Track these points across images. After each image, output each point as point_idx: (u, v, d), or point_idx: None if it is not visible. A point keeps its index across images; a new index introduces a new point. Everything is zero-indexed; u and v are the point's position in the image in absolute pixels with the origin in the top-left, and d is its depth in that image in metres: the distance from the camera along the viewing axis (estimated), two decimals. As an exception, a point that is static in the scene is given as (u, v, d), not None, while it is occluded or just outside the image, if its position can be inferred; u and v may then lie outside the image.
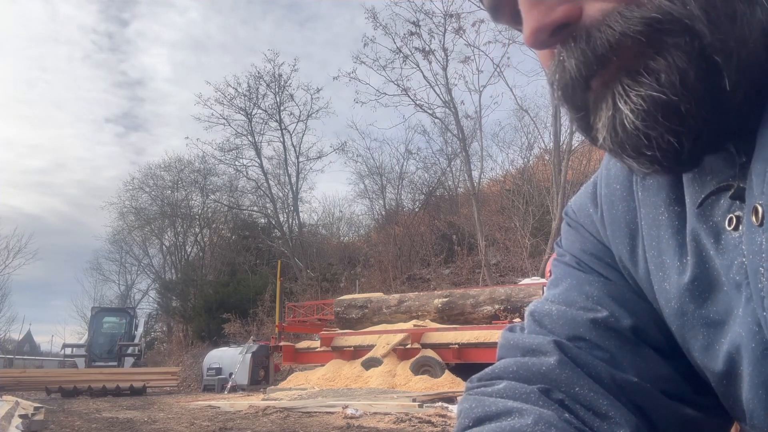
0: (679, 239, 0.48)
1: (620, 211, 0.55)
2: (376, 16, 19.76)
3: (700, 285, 0.46)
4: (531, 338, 0.56)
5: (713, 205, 0.44)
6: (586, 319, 0.54)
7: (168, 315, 28.12)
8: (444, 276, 19.57)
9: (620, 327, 0.53)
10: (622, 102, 0.40)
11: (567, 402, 0.50)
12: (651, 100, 0.39)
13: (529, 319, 0.58)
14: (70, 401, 10.53)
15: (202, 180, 29.19)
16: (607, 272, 0.57)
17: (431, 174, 25.19)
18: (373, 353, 11.09)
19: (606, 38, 0.39)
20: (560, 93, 0.44)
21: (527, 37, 0.42)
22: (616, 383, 0.51)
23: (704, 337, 0.47)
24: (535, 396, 0.51)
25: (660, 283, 0.51)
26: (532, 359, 0.54)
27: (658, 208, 0.50)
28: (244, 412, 7.59)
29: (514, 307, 11.03)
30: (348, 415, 6.57)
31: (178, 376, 15.21)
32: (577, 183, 17.89)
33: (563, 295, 0.58)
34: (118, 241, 33.71)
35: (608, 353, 0.52)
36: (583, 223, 0.61)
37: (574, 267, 0.59)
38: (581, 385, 0.51)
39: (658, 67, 0.38)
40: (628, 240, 0.54)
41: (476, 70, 19.30)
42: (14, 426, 5.22)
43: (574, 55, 0.41)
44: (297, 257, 24.25)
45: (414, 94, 20.65)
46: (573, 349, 0.52)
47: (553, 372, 0.52)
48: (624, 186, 0.55)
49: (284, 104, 26.23)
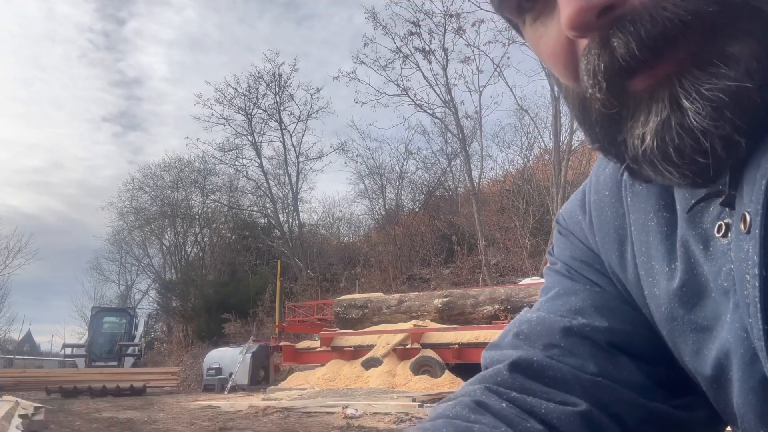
0: (668, 245, 0.48)
1: (609, 217, 0.55)
2: (376, 16, 19.78)
3: (688, 291, 0.47)
4: (502, 354, 0.58)
5: (703, 212, 0.44)
6: (562, 327, 0.55)
7: (168, 315, 28.12)
8: (444, 276, 19.57)
9: (595, 336, 0.54)
10: (688, 99, 0.35)
11: (514, 394, 0.52)
12: (727, 94, 0.34)
13: (510, 330, 0.60)
14: (70, 401, 10.53)
15: (202, 180, 29.22)
16: (596, 278, 0.57)
17: (431, 174, 25.22)
18: (373, 353, 11.09)
19: (677, 17, 0.34)
20: (606, 85, 0.38)
21: (570, 17, 0.37)
22: (580, 382, 0.52)
23: (694, 342, 0.47)
24: (479, 391, 0.54)
25: (650, 289, 0.51)
26: (488, 370, 0.56)
27: (647, 214, 0.50)
28: (244, 412, 7.59)
29: (514, 307, 11.03)
30: (348, 415, 6.57)
31: (178, 376, 15.21)
32: (577, 183, 17.88)
33: (548, 303, 0.59)
34: (118, 241, 33.79)
35: (580, 359, 0.53)
36: (573, 230, 0.61)
37: (564, 275, 0.60)
38: (533, 388, 0.52)
39: (737, 54, 0.34)
40: (617, 246, 0.54)
41: (476, 70, 19.31)
42: (14, 426, 5.22)
43: (633, 37, 0.35)
44: (297, 257, 24.25)
45: (414, 94, 20.67)
46: (533, 361, 0.54)
47: (504, 379, 0.54)
48: (613, 192, 0.55)
49: (284, 104, 26.27)
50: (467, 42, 18.95)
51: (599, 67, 0.38)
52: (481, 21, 18.46)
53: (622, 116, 0.39)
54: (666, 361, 0.52)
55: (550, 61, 0.44)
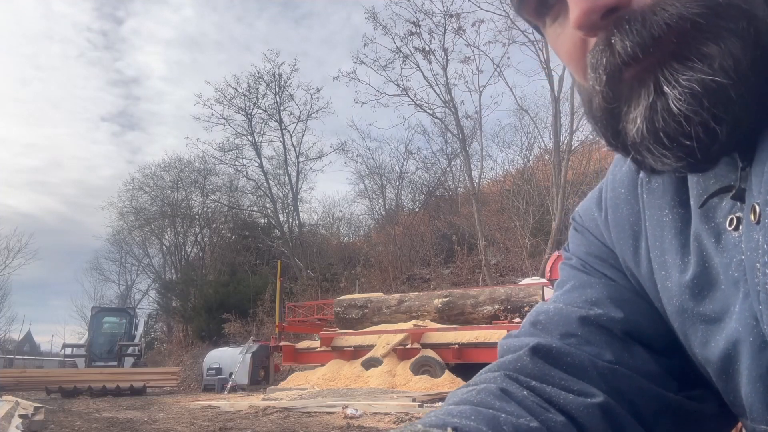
0: (682, 239, 0.50)
1: (624, 213, 0.57)
2: (376, 16, 19.79)
3: (699, 283, 0.48)
4: (519, 341, 0.58)
5: (716, 207, 0.46)
6: (579, 317, 0.56)
7: (168, 315, 28.12)
8: (444, 276, 19.57)
9: (611, 325, 0.55)
10: (668, 86, 0.39)
11: (534, 383, 0.53)
12: (701, 85, 0.38)
13: (527, 320, 0.61)
14: (70, 401, 10.53)
15: (202, 180, 29.22)
16: (611, 273, 0.59)
17: (431, 174, 25.24)
18: (373, 353, 11.09)
19: (663, 20, 0.39)
20: (605, 78, 0.42)
21: (577, 17, 0.42)
22: (597, 370, 0.53)
23: (703, 334, 0.49)
24: (500, 378, 0.54)
25: (663, 282, 0.52)
26: (508, 356, 0.57)
27: (662, 210, 0.52)
28: (244, 412, 7.59)
29: (514, 307, 11.03)
30: (348, 415, 6.57)
31: (178, 376, 15.20)
32: (577, 183, 17.90)
33: (564, 295, 0.60)
34: (118, 241, 33.79)
35: (596, 348, 0.54)
36: (589, 227, 0.63)
37: (579, 269, 0.62)
38: (552, 375, 0.53)
39: (712, 53, 0.38)
40: (632, 241, 0.56)
41: (476, 70, 19.35)
42: (14, 426, 5.22)
43: (628, 37, 0.40)
44: (297, 257, 24.25)
45: (414, 94, 20.68)
46: (551, 348, 0.55)
47: (525, 365, 0.55)
48: (629, 189, 0.57)
49: (284, 104, 26.28)
50: (467, 42, 18.99)
51: (601, 62, 0.42)
52: (481, 21, 18.50)
53: (620, 109, 0.43)
54: (679, 354, 0.54)
55: (566, 60, 0.48)
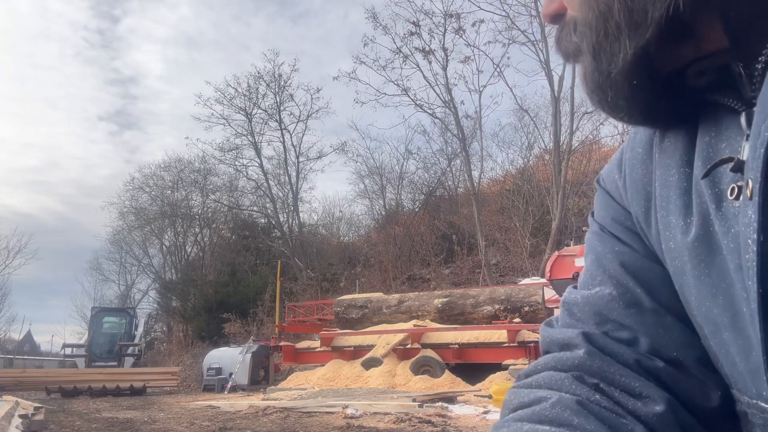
0: (685, 200, 0.49)
1: (639, 173, 0.57)
2: (376, 16, 19.80)
3: (699, 246, 0.48)
4: (563, 332, 0.59)
5: (722, 172, 0.46)
6: (607, 300, 0.57)
7: (168, 315, 28.12)
8: (444, 276, 19.57)
9: (638, 299, 0.55)
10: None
11: (602, 386, 0.53)
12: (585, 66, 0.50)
13: (563, 309, 0.62)
14: (70, 401, 10.54)
15: (202, 180, 29.25)
16: (626, 237, 0.59)
17: (431, 174, 25.24)
18: (373, 353, 11.10)
19: (579, 23, 0.49)
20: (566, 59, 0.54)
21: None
22: (643, 367, 0.53)
23: (696, 297, 0.49)
24: (568, 381, 0.54)
25: (666, 243, 0.52)
26: (566, 353, 0.57)
27: (669, 169, 0.52)
28: (244, 412, 7.60)
29: (514, 307, 11.04)
30: (348, 415, 6.57)
31: (178, 376, 15.21)
32: (577, 183, 17.90)
33: (584, 276, 0.61)
34: (118, 241, 33.82)
35: (632, 332, 0.54)
36: (609, 189, 0.63)
37: (597, 234, 0.63)
38: (612, 371, 0.53)
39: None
40: (644, 202, 0.56)
41: (476, 70, 19.44)
42: (14, 426, 5.22)
43: (561, 34, 0.53)
44: (297, 257, 24.26)
45: (414, 94, 20.74)
46: (600, 337, 0.56)
47: (585, 363, 0.55)
48: (645, 149, 0.56)
49: (284, 104, 26.31)
50: (467, 42, 19.01)
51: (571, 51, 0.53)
52: (481, 21, 18.52)
53: None
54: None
55: None
